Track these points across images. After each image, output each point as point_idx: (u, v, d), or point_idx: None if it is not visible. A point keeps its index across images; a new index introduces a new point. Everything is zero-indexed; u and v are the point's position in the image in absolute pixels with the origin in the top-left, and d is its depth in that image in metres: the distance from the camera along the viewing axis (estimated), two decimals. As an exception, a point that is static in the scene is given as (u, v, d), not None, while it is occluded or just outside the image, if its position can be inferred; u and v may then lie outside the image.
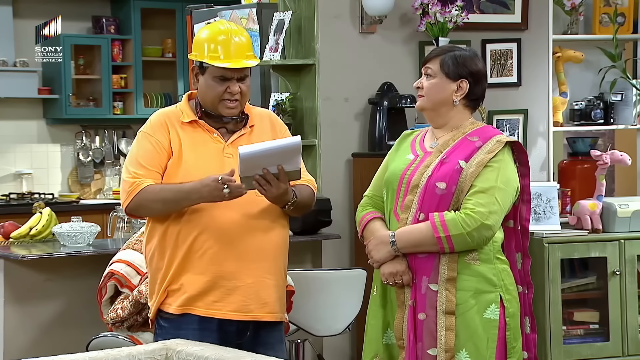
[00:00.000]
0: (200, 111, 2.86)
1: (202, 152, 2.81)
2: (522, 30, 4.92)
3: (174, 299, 2.82)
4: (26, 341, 3.95)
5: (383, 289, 2.81)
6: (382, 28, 4.77)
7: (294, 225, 4.24)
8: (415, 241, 2.69)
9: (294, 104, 4.60)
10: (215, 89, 2.80)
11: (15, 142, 6.82)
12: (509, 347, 2.71)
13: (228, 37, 2.81)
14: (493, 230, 2.66)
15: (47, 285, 4.01)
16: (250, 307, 2.81)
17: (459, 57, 2.75)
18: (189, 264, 2.80)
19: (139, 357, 2.51)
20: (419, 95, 2.80)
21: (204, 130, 2.84)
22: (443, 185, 2.68)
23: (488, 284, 2.69)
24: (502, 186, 2.67)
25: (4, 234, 4.22)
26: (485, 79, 2.80)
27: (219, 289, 2.79)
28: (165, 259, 2.82)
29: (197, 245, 2.78)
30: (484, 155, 2.69)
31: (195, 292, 2.79)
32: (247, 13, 4.73)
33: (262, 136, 2.89)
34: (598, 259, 4.41)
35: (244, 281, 2.79)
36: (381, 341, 2.80)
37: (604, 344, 4.38)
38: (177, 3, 7.00)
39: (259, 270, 2.82)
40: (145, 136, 2.85)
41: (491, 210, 2.64)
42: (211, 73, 2.80)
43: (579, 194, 4.64)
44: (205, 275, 2.79)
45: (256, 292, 2.81)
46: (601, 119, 4.76)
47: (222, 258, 2.78)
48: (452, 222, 2.63)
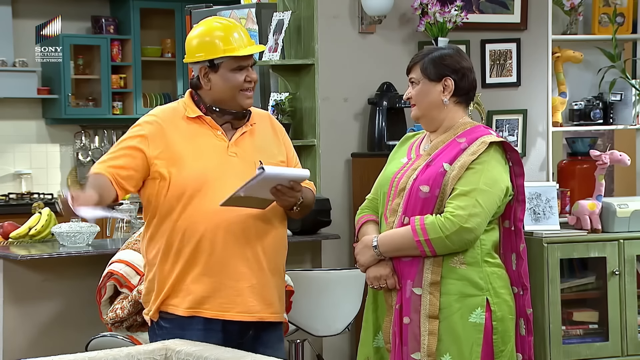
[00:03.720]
0: (204, 107, 2.84)
1: (203, 149, 2.80)
2: (522, 30, 4.92)
3: (179, 300, 2.80)
4: (25, 341, 3.95)
5: (374, 293, 2.81)
6: (381, 28, 4.77)
7: (293, 225, 4.24)
8: (396, 245, 2.69)
9: (293, 104, 4.60)
10: (237, 80, 2.79)
11: (14, 142, 6.82)
12: (496, 351, 2.69)
13: (230, 29, 2.82)
14: (475, 233, 2.64)
15: (46, 285, 4.01)
16: (256, 308, 2.81)
17: (437, 57, 2.75)
18: (194, 265, 2.78)
19: (138, 357, 2.51)
20: (411, 105, 2.81)
21: (209, 127, 2.83)
22: (426, 188, 2.67)
23: (474, 287, 2.67)
24: (485, 188, 2.65)
25: (3, 234, 4.22)
26: (471, 72, 2.77)
27: (226, 290, 2.78)
28: (169, 259, 2.81)
29: (203, 246, 2.77)
30: (468, 157, 2.67)
31: (202, 293, 2.78)
32: (247, 13, 4.73)
33: (263, 135, 2.89)
34: (597, 259, 4.41)
35: (249, 282, 2.79)
36: (372, 344, 2.80)
37: (603, 344, 4.38)
38: (176, 3, 7.01)
39: (263, 271, 2.82)
40: (134, 134, 2.80)
41: (471, 213, 2.62)
42: (227, 67, 2.79)
43: (578, 194, 4.64)
44: (211, 276, 2.78)
45: (261, 292, 2.82)
46: (600, 119, 4.76)
47: (227, 259, 2.78)
48: (431, 225, 2.62)
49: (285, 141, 2.97)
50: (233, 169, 2.78)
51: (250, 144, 2.86)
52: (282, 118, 4.53)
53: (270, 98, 4.61)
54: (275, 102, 4.56)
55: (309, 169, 4.60)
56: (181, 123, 2.82)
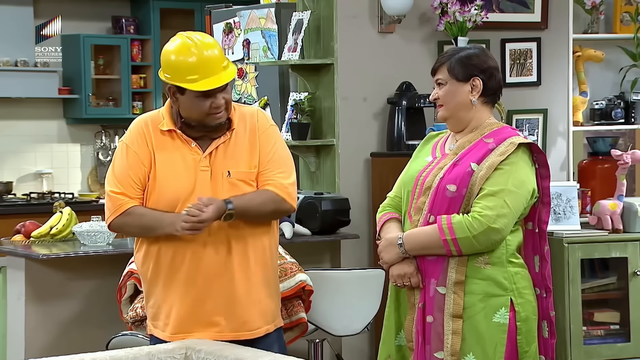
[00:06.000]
0: (180, 121, 2.78)
1: (176, 166, 2.76)
2: (542, 29, 4.89)
3: (161, 322, 2.81)
4: (47, 340, 3.97)
5: (396, 291, 2.80)
6: (400, 28, 4.76)
7: (312, 225, 4.25)
8: (422, 243, 2.68)
9: (313, 104, 4.60)
10: (201, 107, 2.72)
11: (35, 142, 6.87)
12: (520, 352, 2.68)
13: (200, 55, 2.69)
14: (502, 234, 2.64)
15: (67, 284, 4.03)
16: (229, 328, 2.78)
17: (465, 57, 2.74)
18: (170, 287, 2.78)
19: (158, 356, 2.52)
20: (438, 106, 2.79)
21: (182, 140, 2.78)
22: (453, 187, 2.66)
23: (498, 287, 2.66)
24: (514, 189, 2.64)
25: (24, 233, 4.25)
26: (497, 71, 2.77)
27: (201, 315, 2.77)
28: (147, 279, 2.83)
29: (176, 266, 2.77)
30: (496, 157, 2.66)
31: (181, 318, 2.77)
32: (266, 13, 4.74)
33: (240, 140, 2.81)
34: (618, 259, 4.38)
35: (225, 301, 2.77)
36: (394, 342, 2.80)
37: (624, 345, 4.34)
38: (196, 3, 7.03)
39: (240, 289, 2.79)
40: (125, 149, 2.79)
41: (499, 214, 2.61)
42: (192, 93, 2.71)
43: (599, 193, 4.60)
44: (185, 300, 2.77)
45: (235, 311, 2.79)
46: (622, 119, 4.72)
47: (201, 279, 2.76)
48: (459, 224, 2.62)
49: (262, 141, 2.82)
50: (204, 185, 2.75)
51: (223, 154, 2.79)
52: (302, 118, 4.53)
53: (289, 98, 4.62)
54: (294, 102, 4.56)
55: (328, 169, 4.62)
56: (156, 136, 2.78)
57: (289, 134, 4.54)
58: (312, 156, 4.65)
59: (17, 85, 6.56)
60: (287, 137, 4.52)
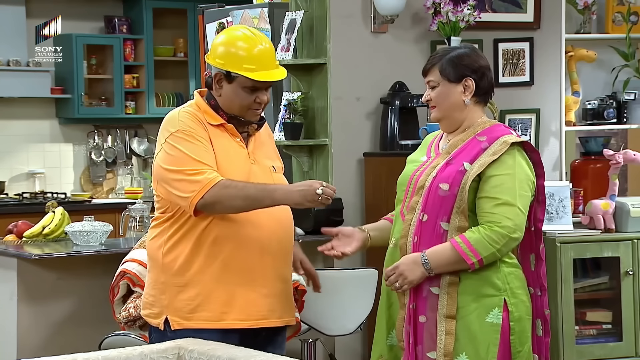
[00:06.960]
0: (226, 115, 2.81)
1: (231, 156, 2.79)
2: (535, 29, 4.90)
3: (207, 313, 2.78)
4: (39, 339, 3.97)
5: (388, 290, 2.80)
6: (393, 27, 4.77)
7: (306, 224, 4.25)
8: (447, 261, 2.65)
9: (306, 104, 4.60)
10: (246, 99, 2.76)
11: (28, 141, 6.85)
12: (513, 352, 2.68)
13: (263, 48, 2.76)
14: (519, 240, 2.67)
15: (59, 284, 4.02)
16: (279, 313, 2.84)
17: (456, 57, 2.73)
18: (223, 276, 2.76)
19: (151, 356, 2.51)
20: (431, 107, 2.79)
21: (230, 134, 2.82)
22: (446, 186, 2.66)
23: (492, 287, 2.66)
24: (523, 192, 2.66)
25: (17, 233, 4.24)
26: (489, 71, 2.76)
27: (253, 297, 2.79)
28: (193, 267, 2.77)
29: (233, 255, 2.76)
30: (488, 157, 2.66)
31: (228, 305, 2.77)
32: (259, 12, 4.73)
33: (265, 141, 2.91)
34: (611, 258, 4.40)
35: (276, 288, 2.82)
36: (385, 342, 2.80)
37: (616, 344, 4.36)
38: (188, 3, 7.02)
39: (287, 276, 2.87)
40: (189, 133, 2.73)
41: (517, 223, 2.63)
42: (241, 83, 2.75)
43: (591, 193, 4.62)
44: (238, 286, 2.77)
45: (287, 297, 2.87)
46: (614, 118, 4.74)
47: (256, 266, 2.79)
48: (480, 244, 2.61)
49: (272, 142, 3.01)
50: (255, 176, 2.79)
51: (260, 151, 2.87)
52: (295, 117, 4.53)
53: (282, 97, 4.62)
54: (287, 102, 4.56)
55: (321, 169, 4.62)
56: (209, 127, 2.79)
57: (282, 134, 4.54)
58: (305, 156, 4.65)
59: (9, 84, 6.54)
60: (280, 137, 4.52)
